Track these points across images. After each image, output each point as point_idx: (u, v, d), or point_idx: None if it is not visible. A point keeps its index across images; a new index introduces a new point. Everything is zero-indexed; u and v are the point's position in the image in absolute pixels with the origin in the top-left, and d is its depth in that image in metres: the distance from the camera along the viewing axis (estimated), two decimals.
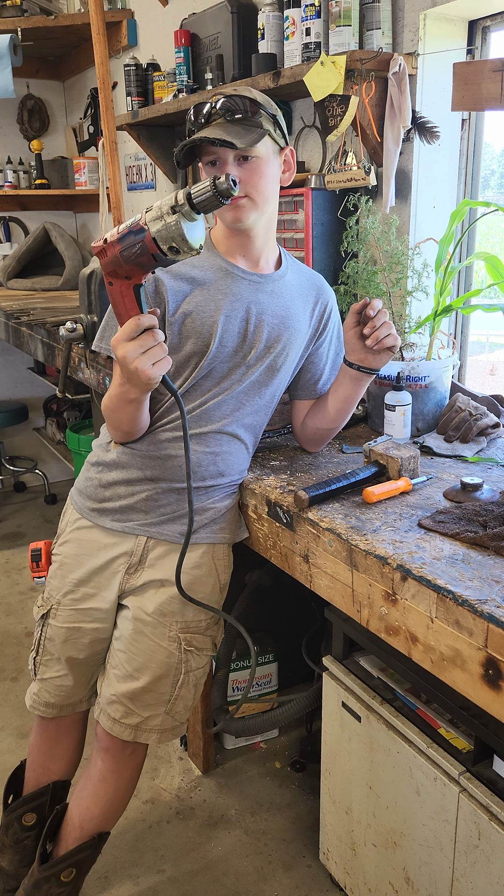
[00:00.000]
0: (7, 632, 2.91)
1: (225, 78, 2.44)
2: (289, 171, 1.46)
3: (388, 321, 1.42)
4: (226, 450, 1.50)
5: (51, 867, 1.54)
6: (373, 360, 1.47)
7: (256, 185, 1.36)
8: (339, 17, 1.90)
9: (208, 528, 1.51)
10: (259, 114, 1.35)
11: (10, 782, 1.76)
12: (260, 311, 1.47)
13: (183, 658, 1.50)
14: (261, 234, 1.45)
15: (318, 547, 1.33)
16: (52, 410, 4.28)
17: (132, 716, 1.50)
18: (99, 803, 1.55)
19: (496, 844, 1.22)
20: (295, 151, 1.64)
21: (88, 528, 1.55)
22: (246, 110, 1.33)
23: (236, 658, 2.11)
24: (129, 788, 1.59)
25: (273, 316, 1.48)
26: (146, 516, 1.49)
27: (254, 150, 1.34)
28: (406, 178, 2.00)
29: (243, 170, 1.35)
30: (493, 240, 2.43)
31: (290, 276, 1.54)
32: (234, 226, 1.41)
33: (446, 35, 1.92)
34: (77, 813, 1.56)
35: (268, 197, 1.40)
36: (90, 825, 1.55)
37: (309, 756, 2.12)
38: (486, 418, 1.70)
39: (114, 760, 1.54)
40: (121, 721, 1.50)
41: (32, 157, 4.09)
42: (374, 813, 1.51)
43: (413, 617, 1.13)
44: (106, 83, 2.67)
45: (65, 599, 1.55)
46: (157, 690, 1.50)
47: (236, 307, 1.45)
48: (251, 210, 1.38)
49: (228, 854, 1.87)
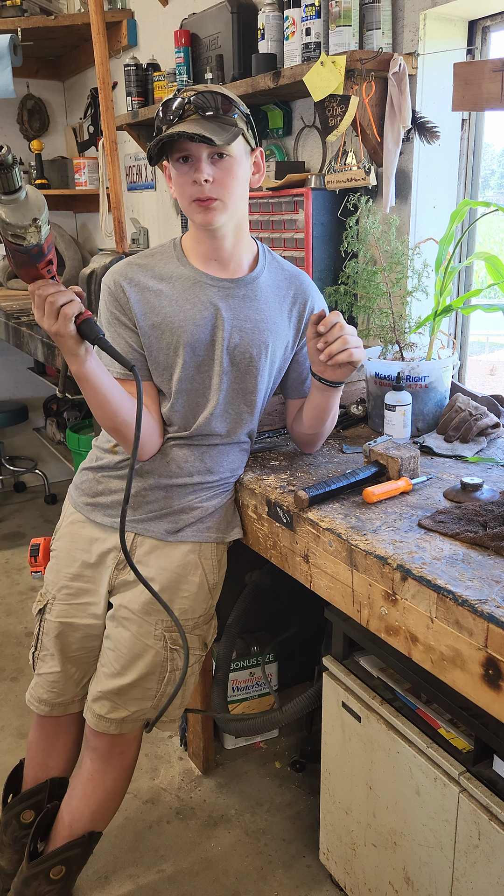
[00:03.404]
0: (7, 632, 2.91)
1: (225, 78, 2.44)
2: (259, 173, 1.44)
3: (347, 335, 1.34)
4: (214, 446, 1.50)
5: (39, 864, 1.55)
6: (330, 373, 1.41)
7: (228, 186, 1.34)
8: (339, 17, 1.90)
9: (194, 526, 1.52)
10: (232, 111, 1.33)
11: (10, 781, 1.76)
12: (232, 317, 1.45)
13: (169, 656, 1.51)
14: (230, 236, 1.43)
15: (318, 547, 1.33)
16: (52, 410, 4.27)
17: (118, 710, 1.51)
18: (88, 803, 1.56)
19: (496, 844, 1.22)
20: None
21: (82, 522, 1.58)
22: (219, 107, 1.31)
23: (236, 658, 2.11)
24: (119, 789, 1.58)
25: (246, 320, 1.46)
26: (134, 513, 1.51)
27: (228, 149, 1.32)
28: (406, 178, 2.00)
29: (216, 169, 1.33)
30: (493, 240, 2.43)
31: (265, 277, 1.50)
32: (205, 228, 1.39)
33: (446, 35, 1.92)
34: (67, 812, 1.58)
35: (238, 198, 1.38)
36: (79, 824, 1.56)
37: (309, 756, 2.12)
38: (486, 418, 1.70)
39: (101, 760, 1.55)
40: (106, 717, 1.51)
41: (32, 157, 4.09)
42: (374, 813, 1.51)
43: (413, 617, 1.13)
44: (106, 83, 2.67)
45: (59, 594, 1.58)
46: (143, 686, 1.51)
47: (205, 315, 1.43)
48: (221, 212, 1.36)
49: (228, 854, 1.87)
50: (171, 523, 1.50)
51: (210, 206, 1.35)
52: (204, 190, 1.33)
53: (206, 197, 1.33)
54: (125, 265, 1.47)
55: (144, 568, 1.50)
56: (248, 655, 2.14)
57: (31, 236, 1.10)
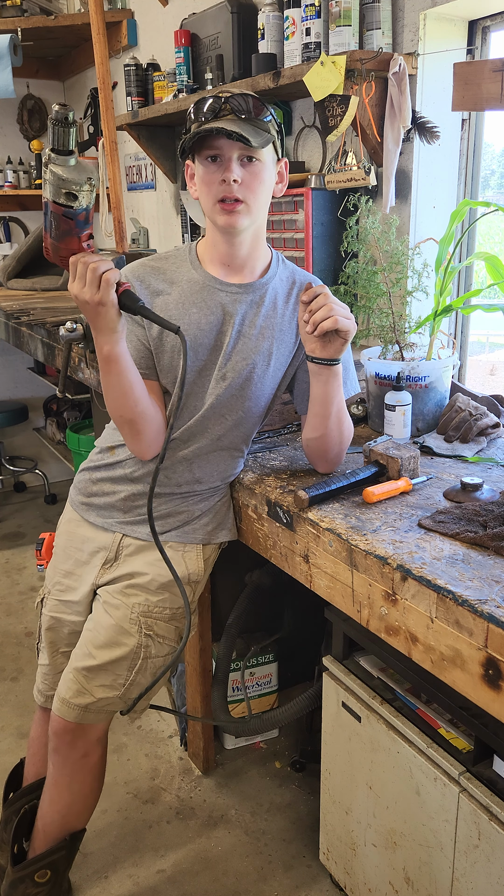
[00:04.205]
0: (7, 632, 2.91)
1: (225, 78, 2.44)
2: (281, 183, 1.44)
3: (331, 304, 1.30)
4: (205, 455, 1.49)
5: (23, 868, 1.56)
6: (321, 349, 1.35)
7: (255, 190, 1.34)
8: (339, 17, 1.90)
9: (179, 529, 1.54)
10: (266, 116, 1.33)
11: (10, 780, 1.77)
12: (240, 322, 1.44)
13: (143, 643, 1.51)
14: (248, 241, 1.42)
15: (318, 547, 1.33)
16: (52, 410, 4.28)
17: (83, 695, 1.49)
18: (55, 808, 1.56)
19: (496, 844, 1.22)
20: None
21: (77, 521, 1.61)
22: (252, 110, 1.31)
23: (236, 658, 2.11)
24: (88, 791, 1.57)
25: (251, 325, 1.45)
26: (125, 515, 1.53)
27: (259, 153, 1.32)
28: (406, 178, 2.00)
29: (246, 172, 1.32)
30: (493, 240, 2.43)
31: (275, 284, 1.49)
32: (226, 230, 1.38)
33: (446, 35, 1.92)
34: (40, 817, 1.58)
35: (262, 204, 1.38)
36: (52, 829, 1.56)
37: (309, 756, 2.12)
38: (486, 418, 1.70)
39: (64, 763, 1.53)
40: (70, 700, 1.49)
41: (32, 157, 4.09)
42: (374, 813, 1.51)
43: (413, 617, 1.13)
44: (106, 83, 2.67)
45: (53, 589, 1.63)
46: (113, 671, 1.50)
47: (210, 320, 1.43)
48: (245, 215, 1.35)
49: (228, 854, 1.87)
50: (158, 526, 1.52)
51: (235, 209, 1.34)
52: (232, 190, 1.31)
53: (233, 197, 1.32)
54: (139, 265, 1.47)
55: (129, 566, 1.53)
56: (248, 656, 2.14)
57: (84, 197, 1.13)
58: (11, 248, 4.18)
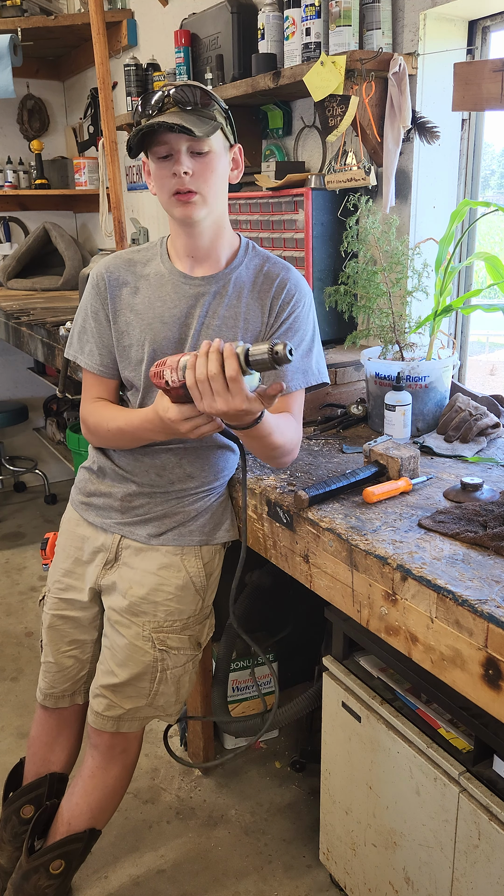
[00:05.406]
0: (7, 632, 2.91)
1: (225, 78, 2.44)
2: (237, 170, 1.44)
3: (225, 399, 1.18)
4: (191, 449, 1.50)
5: (39, 857, 1.56)
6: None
7: (208, 181, 1.34)
8: (339, 17, 1.90)
9: (176, 530, 1.54)
10: (211, 105, 1.33)
11: (10, 780, 1.77)
12: (203, 314, 1.44)
13: (158, 657, 1.53)
14: (208, 231, 1.42)
15: (318, 547, 1.33)
16: (52, 410, 4.28)
17: (114, 708, 1.54)
18: (88, 799, 1.58)
19: (496, 844, 1.22)
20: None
21: (77, 520, 1.62)
22: (198, 101, 1.31)
23: (236, 658, 2.11)
24: (119, 788, 1.60)
25: (213, 316, 1.45)
26: (122, 516, 1.54)
27: (207, 144, 1.32)
28: (406, 178, 2.00)
29: (196, 163, 1.33)
30: (493, 240, 2.43)
31: (241, 273, 1.47)
32: (184, 222, 1.38)
33: (446, 35, 1.92)
34: (67, 808, 1.59)
35: (217, 193, 1.38)
36: (78, 821, 1.58)
37: (309, 756, 2.12)
38: (486, 418, 1.70)
39: (102, 757, 1.57)
40: (103, 714, 1.54)
41: (32, 157, 4.09)
42: (374, 813, 1.51)
43: (413, 617, 1.13)
44: (106, 83, 2.67)
45: (53, 588, 1.64)
46: (137, 685, 1.54)
47: (174, 313, 1.44)
48: (201, 206, 1.36)
49: (228, 854, 1.87)
50: (154, 528, 1.53)
51: (190, 200, 1.34)
52: (184, 182, 1.32)
53: (186, 189, 1.33)
54: (112, 259, 1.51)
55: (129, 570, 1.54)
56: (248, 656, 2.14)
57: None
58: (11, 248, 4.17)
